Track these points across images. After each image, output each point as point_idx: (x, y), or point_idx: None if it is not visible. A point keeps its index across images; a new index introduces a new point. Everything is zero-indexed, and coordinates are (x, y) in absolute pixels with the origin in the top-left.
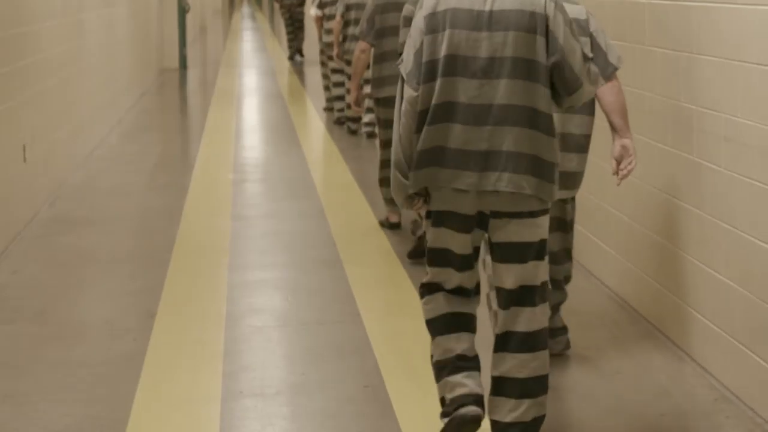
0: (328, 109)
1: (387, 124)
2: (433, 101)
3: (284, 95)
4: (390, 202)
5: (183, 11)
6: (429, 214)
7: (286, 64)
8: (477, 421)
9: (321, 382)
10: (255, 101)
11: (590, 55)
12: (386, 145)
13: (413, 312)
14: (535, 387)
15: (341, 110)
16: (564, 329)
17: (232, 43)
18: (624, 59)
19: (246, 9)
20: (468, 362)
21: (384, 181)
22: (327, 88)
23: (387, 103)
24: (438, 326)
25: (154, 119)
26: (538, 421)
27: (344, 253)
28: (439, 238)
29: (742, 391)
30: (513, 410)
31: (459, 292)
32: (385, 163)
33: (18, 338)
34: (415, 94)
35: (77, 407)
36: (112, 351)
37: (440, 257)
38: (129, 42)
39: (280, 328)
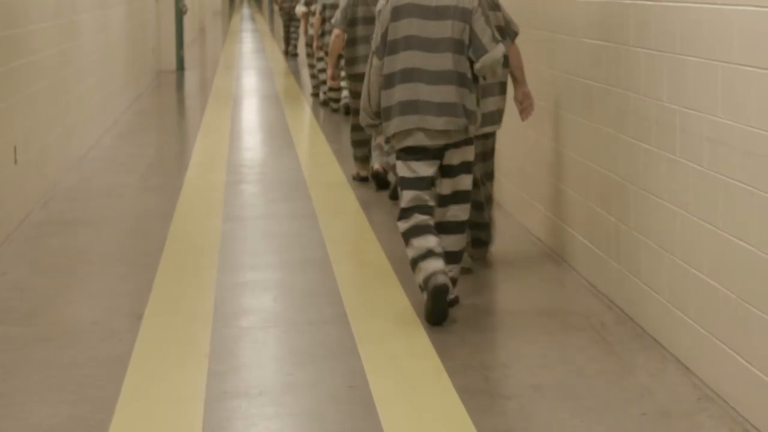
0: (315, 95)
1: (358, 95)
2: (401, 66)
3: (281, 97)
4: (360, 159)
5: (180, 13)
6: (401, 153)
7: (284, 65)
8: (446, 289)
9: (306, 382)
10: (251, 102)
11: (499, 38)
12: (358, 112)
13: (400, 313)
14: (458, 256)
15: (326, 92)
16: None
17: (231, 44)
18: (607, 60)
19: (246, 10)
20: (437, 254)
21: (355, 143)
22: (313, 76)
23: (358, 78)
24: (412, 233)
25: (150, 121)
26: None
27: (334, 254)
28: (409, 167)
29: (724, 391)
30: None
31: (426, 209)
32: (355, 127)
33: (5, 339)
34: (380, 62)
35: (63, 408)
36: (99, 352)
37: (410, 182)
38: (124, 44)
39: (268, 329)
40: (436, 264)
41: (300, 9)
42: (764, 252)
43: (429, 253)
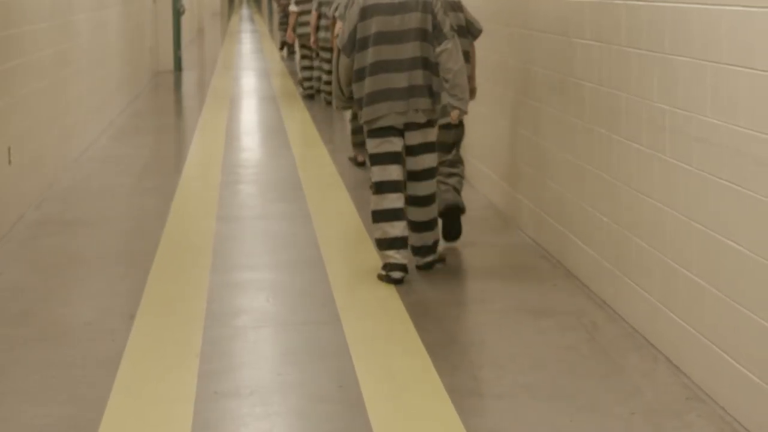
0: (309, 96)
1: None
2: (372, 60)
3: (277, 98)
4: (357, 146)
5: (178, 14)
6: (371, 132)
7: (281, 66)
8: (401, 280)
9: (296, 382)
10: (248, 103)
11: (455, 27)
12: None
13: (391, 314)
14: (431, 225)
15: (309, 80)
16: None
17: (230, 45)
18: (599, 59)
19: (245, 11)
20: (401, 242)
21: (354, 131)
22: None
23: None
24: (381, 214)
25: (146, 121)
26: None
27: (327, 255)
28: (380, 145)
29: (713, 390)
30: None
31: (395, 186)
32: (355, 116)
33: (0, 339)
34: (348, 60)
35: (55, 408)
36: (93, 352)
37: (381, 158)
38: (121, 44)
39: (259, 329)
40: (398, 255)
41: (293, 8)
42: (753, 252)
43: (394, 241)
